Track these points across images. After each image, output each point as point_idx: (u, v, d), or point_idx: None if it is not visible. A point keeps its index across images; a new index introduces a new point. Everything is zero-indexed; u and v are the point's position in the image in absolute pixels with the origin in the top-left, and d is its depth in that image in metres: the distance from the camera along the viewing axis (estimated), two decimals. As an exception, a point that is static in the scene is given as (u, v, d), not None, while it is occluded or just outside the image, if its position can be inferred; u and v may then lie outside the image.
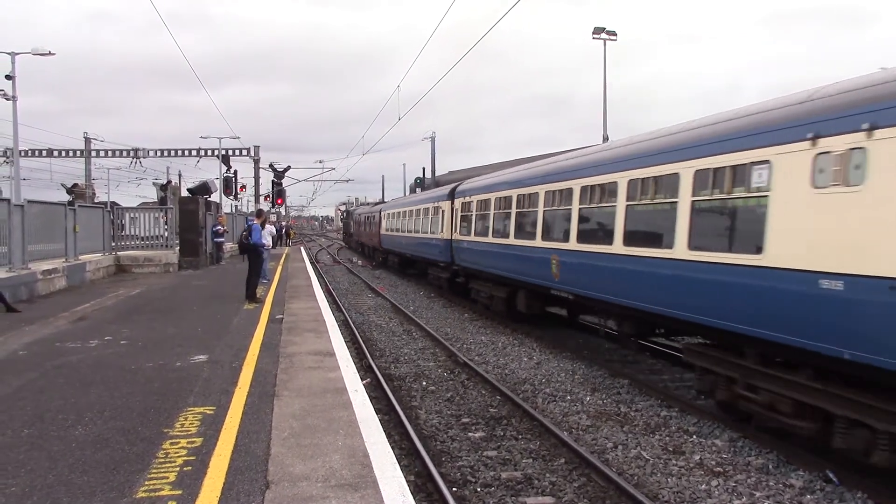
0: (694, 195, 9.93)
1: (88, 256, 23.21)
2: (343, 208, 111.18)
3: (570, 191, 14.28)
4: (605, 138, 33.77)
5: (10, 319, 13.62)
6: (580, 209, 13.81)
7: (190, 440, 6.15)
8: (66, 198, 40.64)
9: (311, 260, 39.00)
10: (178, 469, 5.42)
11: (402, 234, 34.70)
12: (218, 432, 6.35)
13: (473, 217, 21.88)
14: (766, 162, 8.47)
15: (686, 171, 10.15)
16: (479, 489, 7.88)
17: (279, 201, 51.92)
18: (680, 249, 10.11)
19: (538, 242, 15.97)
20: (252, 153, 52.49)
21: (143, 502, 4.85)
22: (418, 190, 50.70)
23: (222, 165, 47.74)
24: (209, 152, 50.18)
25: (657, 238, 10.97)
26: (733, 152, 9.14)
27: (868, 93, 7.37)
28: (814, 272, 7.62)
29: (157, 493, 4.96)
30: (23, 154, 39.79)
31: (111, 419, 6.83)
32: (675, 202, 10.29)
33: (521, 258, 17.27)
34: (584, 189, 13.71)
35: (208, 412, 7.05)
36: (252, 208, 50.81)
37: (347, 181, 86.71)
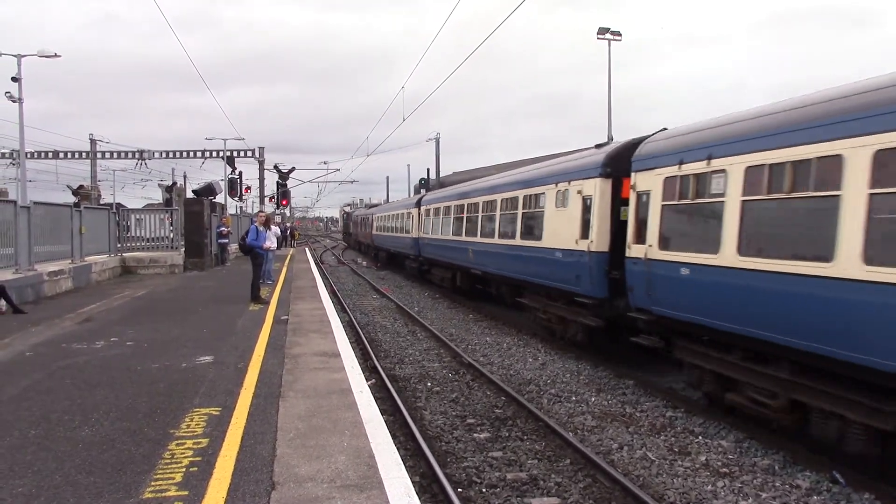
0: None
1: (94, 258, 23.27)
2: (348, 209, 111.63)
3: (475, 204, 22.36)
4: (610, 138, 33.73)
5: (16, 321, 13.67)
6: (481, 216, 21.44)
7: (196, 441, 6.16)
8: (71, 199, 40.75)
9: (315, 261, 39.03)
10: (184, 470, 5.44)
11: (388, 234, 42.43)
12: (224, 433, 6.37)
13: (431, 221, 29.55)
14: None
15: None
16: (484, 490, 7.88)
17: (284, 202, 51.90)
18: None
19: (463, 238, 23.43)
20: (257, 154, 52.59)
21: (149, 503, 4.87)
22: (423, 191, 50.84)
23: (227, 167, 47.78)
24: (214, 154, 50.28)
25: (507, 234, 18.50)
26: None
27: None
28: None
29: (163, 494, 4.98)
30: (29, 156, 39.91)
31: (117, 420, 6.86)
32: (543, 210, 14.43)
33: (457, 250, 24.59)
34: (485, 203, 21.24)
35: (214, 413, 7.07)
36: (257, 209, 50.87)
37: (352, 182, 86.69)
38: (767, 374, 8.99)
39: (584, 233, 13.77)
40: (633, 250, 11.83)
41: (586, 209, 13.80)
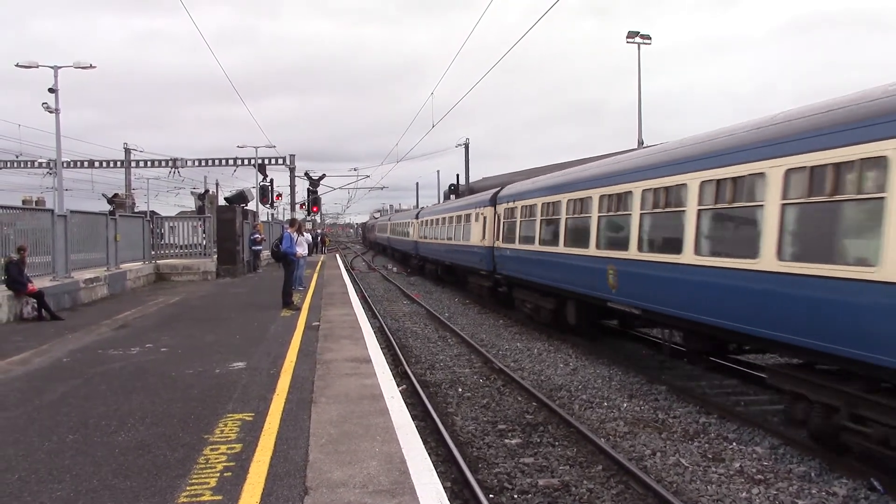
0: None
1: (129, 265, 23.65)
2: (377, 215, 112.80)
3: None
4: (640, 143, 33.46)
5: (54, 327, 13.94)
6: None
7: (230, 446, 6.22)
8: (107, 208, 41.44)
9: (346, 267, 39.23)
10: (218, 475, 5.50)
11: (391, 236, 59.70)
12: (257, 438, 6.43)
13: (427, 226, 36.79)
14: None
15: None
16: (515, 496, 7.86)
17: (314, 209, 52.30)
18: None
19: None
20: (288, 162, 53.01)
21: (184, 507, 4.93)
22: (452, 196, 51.01)
23: (258, 174, 48.26)
24: (246, 162, 50.77)
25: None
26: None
27: None
28: None
29: (198, 499, 5.04)
30: (65, 165, 40.67)
31: (153, 425, 6.95)
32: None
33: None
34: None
35: (247, 418, 7.14)
36: (288, 216, 51.27)
37: (382, 188, 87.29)
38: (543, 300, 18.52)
39: (484, 236, 24.76)
40: (497, 245, 23.06)
41: (483, 223, 24.98)
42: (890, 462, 7.92)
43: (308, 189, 51.09)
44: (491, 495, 7.78)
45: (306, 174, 52.15)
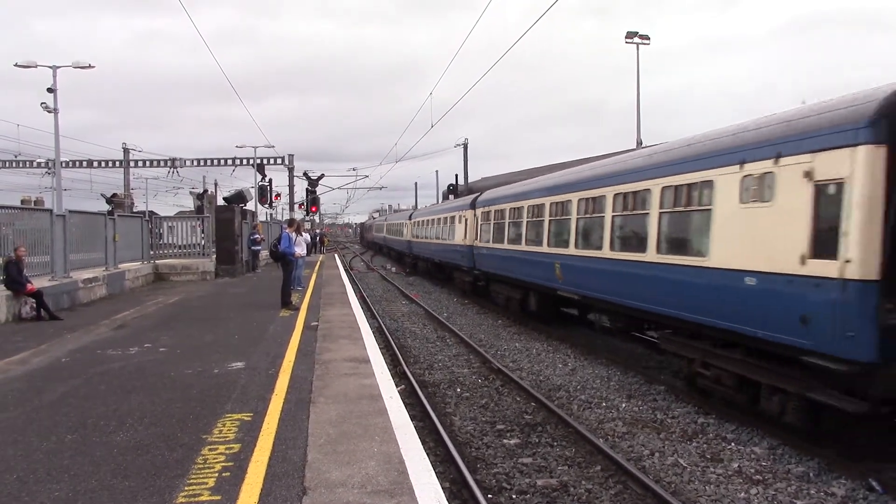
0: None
1: (128, 265, 23.64)
2: (376, 215, 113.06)
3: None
4: (639, 142, 33.49)
5: (53, 327, 13.94)
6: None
7: (228, 446, 6.23)
8: (105, 207, 41.42)
9: (345, 267, 39.24)
10: (216, 475, 5.50)
11: (387, 236, 63.36)
12: (255, 438, 6.43)
13: (419, 226, 40.32)
14: None
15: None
16: (514, 496, 7.87)
17: (313, 209, 52.34)
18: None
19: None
20: (286, 162, 53.01)
21: (183, 507, 4.93)
22: (451, 196, 51.11)
23: (257, 174, 48.25)
24: (244, 161, 50.76)
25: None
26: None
27: None
28: None
29: (197, 499, 5.04)
30: (64, 165, 40.66)
31: (151, 425, 6.96)
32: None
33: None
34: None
35: (246, 419, 7.14)
36: (287, 216, 51.29)
37: (380, 188, 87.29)
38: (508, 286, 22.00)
39: (465, 236, 27.37)
40: (476, 244, 25.94)
41: (465, 224, 27.52)
42: (888, 463, 7.93)
43: (307, 189, 51.15)
44: (489, 495, 7.79)
45: (305, 174, 52.21)
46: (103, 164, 51.59)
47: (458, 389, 12.92)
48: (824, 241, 8.14)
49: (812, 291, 8.24)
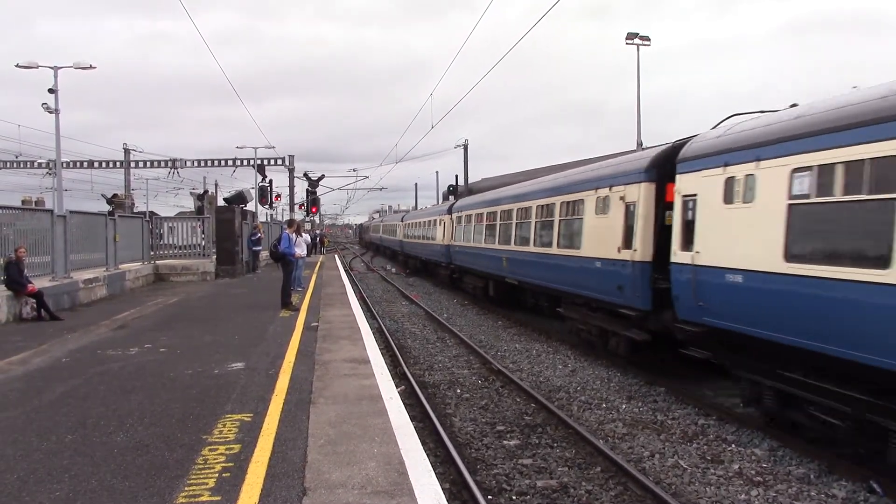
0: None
1: (128, 265, 23.64)
2: (377, 216, 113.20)
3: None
4: (640, 143, 33.48)
5: (53, 327, 13.93)
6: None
7: (228, 447, 6.22)
8: (106, 208, 41.42)
9: (345, 268, 39.23)
10: (216, 475, 5.50)
11: (383, 236, 69.76)
12: (255, 439, 6.43)
13: (409, 227, 44.93)
14: None
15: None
16: (514, 497, 7.86)
17: (314, 210, 52.36)
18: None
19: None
20: (287, 162, 53.01)
21: (183, 508, 4.93)
22: (451, 197, 51.16)
23: (258, 175, 48.26)
24: (245, 162, 50.76)
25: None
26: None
27: None
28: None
29: (197, 499, 5.04)
30: (65, 166, 40.65)
31: (151, 425, 6.95)
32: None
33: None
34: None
35: (246, 419, 7.14)
36: (287, 217, 51.28)
37: (381, 189, 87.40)
38: (475, 277, 27.27)
39: (443, 236, 32.17)
40: (451, 243, 30.29)
41: (444, 228, 31.85)
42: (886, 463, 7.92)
43: (307, 190, 51.16)
44: (489, 496, 7.79)
45: (305, 175, 52.22)
46: (104, 164, 51.61)
47: (458, 390, 12.92)
48: (627, 238, 12.95)
49: (622, 269, 13.10)
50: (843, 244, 7.93)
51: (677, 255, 11.16)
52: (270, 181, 50.91)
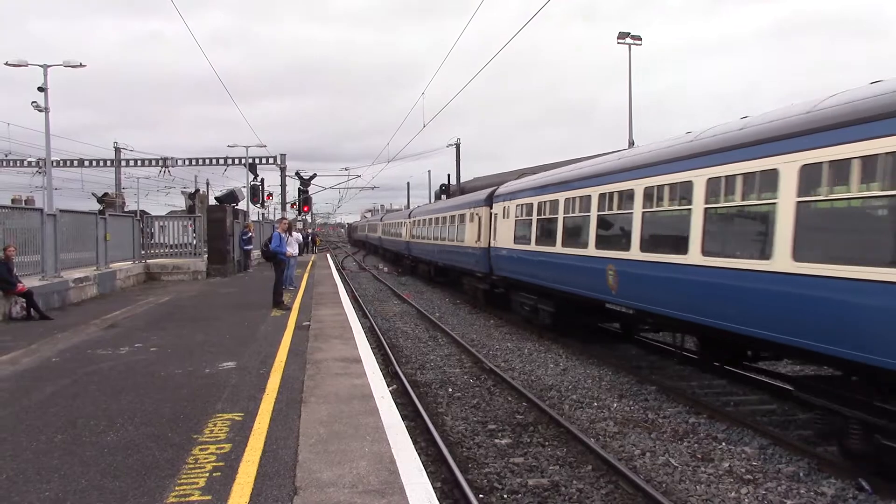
0: None
1: (119, 264, 23.55)
2: (369, 215, 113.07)
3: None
4: (631, 143, 33.56)
5: (43, 327, 13.87)
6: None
7: (219, 446, 6.22)
8: (97, 207, 41.24)
9: (337, 267, 39.19)
10: (207, 475, 5.49)
11: (370, 235, 73.77)
12: (246, 438, 6.42)
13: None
14: None
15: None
16: (505, 496, 7.87)
17: (305, 209, 52.25)
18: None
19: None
20: (278, 161, 52.93)
21: (173, 507, 4.92)
22: (443, 196, 51.18)
23: (249, 174, 48.16)
24: (236, 161, 50.70)
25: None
26: None
27: None
28: None
29: (187, 499, 5.03)
30: (55, 164, 40.49)
31: (142, 425, 6.94)
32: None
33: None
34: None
35: (237, 418, 7.13)
36: (279, 215, 51.22)
37: (373, 188, 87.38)
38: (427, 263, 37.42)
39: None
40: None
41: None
42: (877, 463, 7.98)
43: (299, 189, 51.05)
44: (481, 495, 7.79)
45: (297, 174, 52.15)
46: (95, 163, 51.47)
47: (450, 389, 12.93)
48: (480, 235, 23.41)
49: (478, 252, 23.63)
50: (526, 236, 18.78)
51: (492, 243, 22.13)
52: (262, 180, 50.77)
